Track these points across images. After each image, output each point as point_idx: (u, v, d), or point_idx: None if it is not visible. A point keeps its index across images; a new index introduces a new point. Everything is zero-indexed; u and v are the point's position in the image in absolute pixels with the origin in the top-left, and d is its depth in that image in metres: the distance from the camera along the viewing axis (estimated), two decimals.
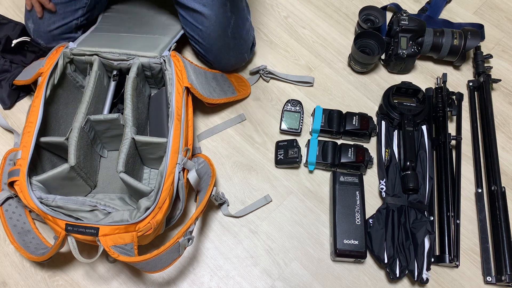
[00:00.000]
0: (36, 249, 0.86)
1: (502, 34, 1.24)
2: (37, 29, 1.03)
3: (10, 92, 1.08)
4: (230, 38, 1.03)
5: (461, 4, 1.29)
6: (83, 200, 0.83)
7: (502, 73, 1.18)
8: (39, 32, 1.04)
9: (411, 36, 1.09)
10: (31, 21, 1.03)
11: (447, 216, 0.94)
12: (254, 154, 1.05)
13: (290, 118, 1.07)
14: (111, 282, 0.91)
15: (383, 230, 0.92)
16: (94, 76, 0.95)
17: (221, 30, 1.00)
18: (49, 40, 1.05)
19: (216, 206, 0.99)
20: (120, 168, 0.85)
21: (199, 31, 1.01)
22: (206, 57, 1.07)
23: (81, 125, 0.89)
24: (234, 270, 0.93)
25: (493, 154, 1.01)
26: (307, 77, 1.14)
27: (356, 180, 0.96)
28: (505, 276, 0.89)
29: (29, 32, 1.06)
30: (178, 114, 0.88)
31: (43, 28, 1.03)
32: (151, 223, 0.79)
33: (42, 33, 1.04)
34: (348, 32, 1.23)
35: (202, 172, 0.93)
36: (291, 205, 1.00)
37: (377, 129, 1.05)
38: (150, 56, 0.97)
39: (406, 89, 1.06)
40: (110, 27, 1.08)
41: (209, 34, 1.00)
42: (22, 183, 0.79)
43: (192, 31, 1.03)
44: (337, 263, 0.94)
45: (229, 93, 1.08)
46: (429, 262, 0.89)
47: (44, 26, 1.02)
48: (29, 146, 0.82)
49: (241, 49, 1.07)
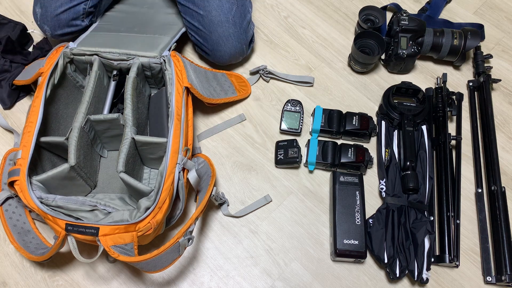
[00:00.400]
0: (36, 249, 0.86)
1: (502, 34, 1.24)
2: (45, 13, 1.02)
3: (10, 92, 1.08)
4: (231, 25, 1.02)
5: (461, 4, 1.29)
6: (83, 200, 0.83)
7: (502, 73, 1.18)
8: (46, 17, 1.02)
9: (411, 36, 1.09)
10: (39, 6, 1.03)
11: (447, 216, 0.94)
12: (254, 154, 1.05)
13: (290, 118, 1.07)
14: (111, 282, 0.91)
15: (383, 230, 0.92)
16: (94, 76, 0.95)
17: (223, 15, 1.00)
18: (55, 27, 1.03)
19: (216, 206, 0.99)
20: (120, 168, 0.85)
21: (200, 16, 1.01)
22: (205, 46, 1.06)
23: (81, 125, 0.89)
24: (234, 270, 0.93)
25: (493, 154, 1.01)
26: (307, 77, 1.14)
27: (356, 180, 0.96)
28: (505, 276, 0.89)
29: (35, 20, 1.05)
30: (178, 114, 0.88)
31: (50, 12, 1.01)
32: (151, 223, 0.79)
33: (49, 18, 1.02)
34: (348, 32, 1.23)
35: (202, 172, 0.93)
36: (291, 205, 1.00)
37: (377, 129, 1.05)
38: (150, 56, 0.97)
39: (406, 89, 1.06)
40: (110, 26, 1.08)
41: (210, 19, 1.00)
42: (22, 182, 0.79)
43: (192, 19, 1.03)
44: (337, 263, 0.94)
45: (230, 93, 1.08)
46: (429, 262, 0.89)
47: (52, 9, 1.01)
48: (29, 146, 0.82)
49: (241, 40, 1.06)
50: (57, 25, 1.03)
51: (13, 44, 1.11)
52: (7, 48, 1.10)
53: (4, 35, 1.10)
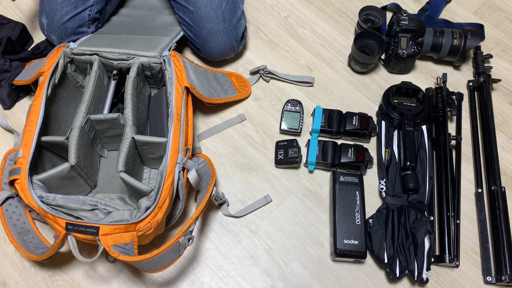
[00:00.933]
0: (36, 248, 0.86)
1: (502, 34, 1.24)
2: (51, 23, 1.02)
3: (10, 92, 1.08)
4: (220, 21, 1.03)
5: (461, 4, 1.29)
6: (84, 199, 0.83)
7: (502, 73, 1.18)
8: (52, 27, 1.02)
9: (411, 36, 1.09)
10: (45, 16, 1.03)
11: (447, 216, 0.94)
12: (254, 154, 1.05)
13: (290, 118, 1.07)
14: (111, 282, 0.91)
15: (383, 230, 0.92)
16: (94, 76, 0.95)
17: (212, 11, 1.01)
18: (62, 35, 1.03)
19: (216, 206, 0.99)
20: (120, 167, 0.85)
21: (190, 12, 1.02)
22: (195, 41, 1.07)
23: (81, 124, 0.89)
24: (234, 270, 0.93)
25: (493, 154, 1.01)
26: (307, 77, 1.14)
27: (356, 180, 0.96)
28: (505, 276, 0.89)
29: (42, 31, 1.05)
30: (178, 113, 0.88)
31: (56, 21, 1.02)
32: (151, 222, 0.79)
33: (55, 27, 1.02)
34: (348, 32, 1.24)
35: (202, 172, 0.93)
36: (291, 205, 1.00)
37: (377, 129, 1.05)
38: (150, 55, 0.97)
39: (406, 89, 1.06)
40: (111, 29, 1.09)
41: (200, 15, 1.02)
42: (23, 181, 0.79)
43: (184, 14, 1.04)
44: (337, 263, 0.94)
45: (230, 93, 1.08)
46: (429, 262, 0.89)
47: (57, 18, 1.01)
48: (30, 145, 0.82)
49: (230, 36, 1.06)
50: (64, 34, 1.03)
51: (13, 44, 1.11)
52: (7, 49, 1.10)
53: (4, 36, 1.10)
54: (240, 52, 1.18)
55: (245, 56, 1.18)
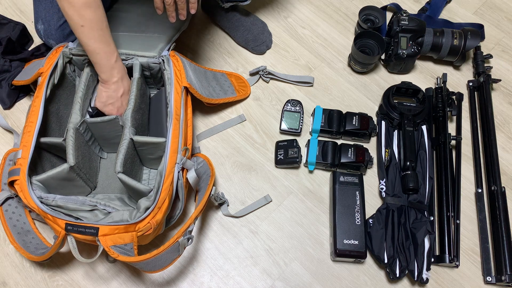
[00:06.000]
0: (36, 249, 0.86)
1: (502, 34, 1.24)
2: (48, 28, 1.02)
3: (9, 92, 1.08)
4: None
5: (461, 4, 1.29)
6: (83, 200, 0.83)
7: (502, 73, 1.18)
8: (50, 31, 1.02)
9: (411, 36, 1.09)
10: (41, 22, 1.02)
11: (447, 216, 0.94)
12: (254, 154, 1.05)
13: (290, 118, 1.07)
14: (111, 282, 0.91)
15: (383, 230, 0.91)
16: (86, 77, 0.95)
17: None
18: (60, 39, 1.03)
19: (216, 206, 0.99)
20: (118, 168, 0.84)
21: None
22: None
23: (75, 126, 0.89)
24: (234, 270, 0.93)
25: (493, 154, 1.01)
26: (307, 77, 1.14)
27: (356, 180, 0.96)
28: (505, 276, 0.89)
29: (40, 37, 1.04)
30: (177, 113, 0.88)
31: (53, 25, 1.01)
32: (151, 223, 0.79)
33: (53, 31, 1.02)
34: (348, 32, 1.23)
35: (201, 172, 0.93)
36: (291, 205, 0.99)
37: (377, 129, 1.05)
38: (149, 56, 0.97)
39: (406, 89, 1.06)
40: (109, 26, 1.08)
41: None
42: (22, 182, 0.79)
43: None
44: (337, 263, 0.94)
45: (229, 93, 1.08)
46: (429, 262, 0.89)
47: (54, 22, 1.01)
48: (29, 146, 0.82)
49: None
50: (61, 37, 1.03)
51: (14, 45, 1.11)
52: (7, 49, 1.10)
53: (4, 36, 1.10)
54: (240, 52, 1.17)
55: (245, 56, 1.18)
